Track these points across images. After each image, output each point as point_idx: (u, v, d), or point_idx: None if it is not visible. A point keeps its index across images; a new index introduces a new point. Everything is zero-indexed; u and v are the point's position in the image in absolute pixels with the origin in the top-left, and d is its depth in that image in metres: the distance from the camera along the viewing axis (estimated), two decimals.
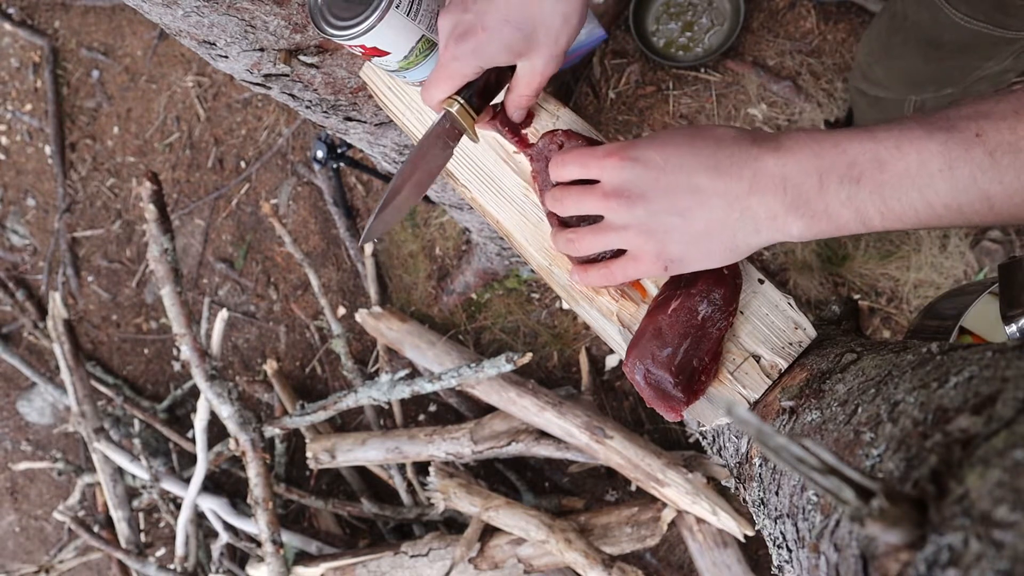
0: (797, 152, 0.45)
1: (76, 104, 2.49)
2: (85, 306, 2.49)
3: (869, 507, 0.26)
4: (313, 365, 2.19)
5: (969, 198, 0.41)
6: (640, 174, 0.49)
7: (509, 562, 1.56)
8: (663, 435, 1.80)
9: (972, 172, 0.40)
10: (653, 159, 0.49)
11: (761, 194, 0.46)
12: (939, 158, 0.41)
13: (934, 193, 0.41)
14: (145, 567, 1.70)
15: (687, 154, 0.48)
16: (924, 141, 0.41)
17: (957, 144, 0.40)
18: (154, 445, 2.20)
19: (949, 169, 0.41)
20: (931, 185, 0.41)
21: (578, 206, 0.53)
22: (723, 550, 1.55)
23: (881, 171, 0.42)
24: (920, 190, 0.42)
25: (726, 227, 0.48)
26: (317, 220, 2.18)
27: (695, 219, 0.48)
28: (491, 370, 1.24)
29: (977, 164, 0.40)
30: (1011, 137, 0.39)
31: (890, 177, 0.42)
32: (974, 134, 0.40)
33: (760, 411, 0.59)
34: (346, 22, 0.53)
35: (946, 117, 0.42)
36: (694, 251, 0.50)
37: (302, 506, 2.08)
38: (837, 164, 0.44)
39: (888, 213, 0.43)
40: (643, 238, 0.51)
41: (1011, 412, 0.27)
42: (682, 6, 1.74)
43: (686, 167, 0.48)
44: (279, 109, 2.23)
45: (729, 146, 0.48)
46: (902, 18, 0.99)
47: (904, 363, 0.43)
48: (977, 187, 0.40)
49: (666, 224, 0.49)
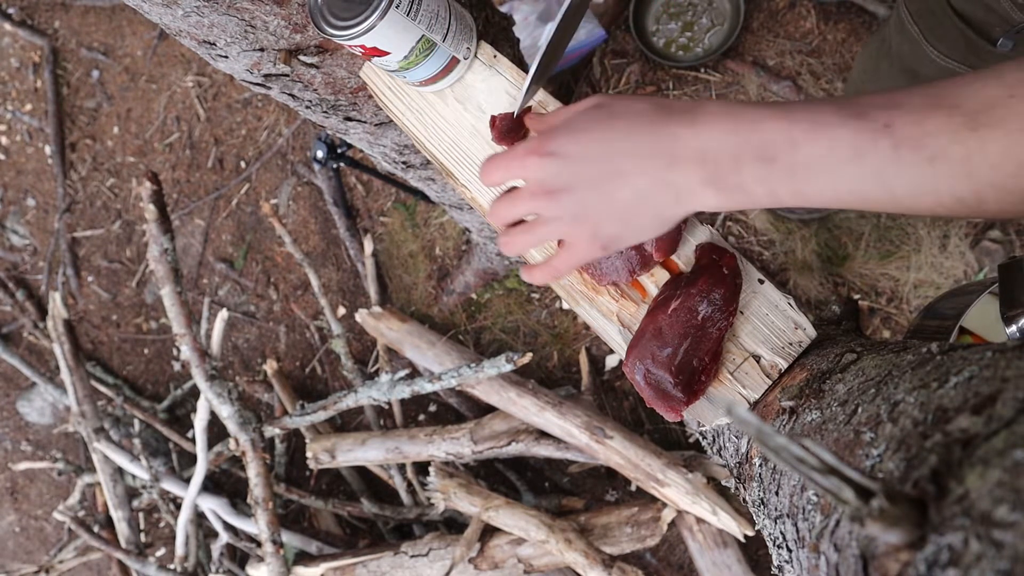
0: (713, 127, 0.46)
1: (76, 104, 2.49)
2: (85, 306, 2.49)
3: (869, 507, 0.26)
4: (313, 365, 2.19)
5: (873, 188, 0.42)
6: (561, 168, 0.50)
7: (509, 562, 1.56)
8: (663, 435, 1.80)
9: (877, 164, 0.41)
10: (571, 152, 0.50)
11: (680, 169, 0.47)
12: (847, 147, 0.41)
13: (840, 179, 0.42)
14: (145, 567, 1.70)
15: (605, 140, 0.49)
16: (835, 128, 0.42)
17: (866, 133, 0.41)
18: (154, 445, 2.20)
19: (856, 158, 0.41)
20: (838, 171, 0.42)
21: (511, 211, 0.54)
22: (723, 550, 1.55)
23: (793, 153, 0.43)
24: (828, 175, 0.42)
25: (652, 202, 0.49)
26: (317, 220, 2.18)
27: (621, 199, 0.50)
28: (491, 370, 1.24)
29: (882, 156, 0.40)
30: (916, 131, 0.39)
31: (802, 160, 0.43)
32: (883, 124, 0.40)
33: (760, 411, 0.59)
34: (346, 22, 0.53)
35: (855, 103, 0.42)
36: (625, 227, 0.51)
37: (302, 506, 2.08)
38: (752, 143, 0.44)
39: (797, 194, 0.44)
40: (574, 226, 0.52)
41: (1011, 412, 0.27)
42: (682, 6, 1.74)
43: (606, 154, 0.49)
44: (279, 109, 2.23)
45: (645, 126, 0.49)
46: (889, 45, 1.02)
47: (904, 363, 0.43)
48: (881, 179, 0.41)
49: (595, 209, 0.51)
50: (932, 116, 0.39)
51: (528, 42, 1.73)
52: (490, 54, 0.66)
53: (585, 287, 0.65)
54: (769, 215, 1.71)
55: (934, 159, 0.39)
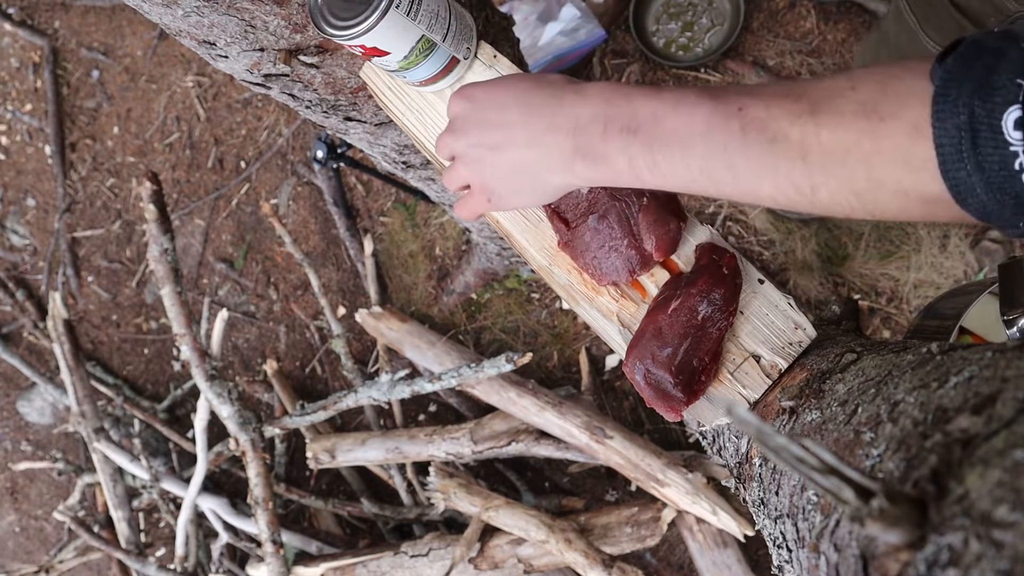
0: (593, 98, 0.48)
1: (76, 104, 2.49)
2: (85, 306, 2.49)
3: (869, 507, 0.26)
4: (313, 365, 2.19)
5: (719, 166, 0.43)
6: (465, 108, 0.54)
7: (509, 562, 1.56)
8: (663, 435, 1.80)
9: (725, 140, 0.42)
10: (478, 96, 0.53)
11: (556, 132, 0.49)
12: (701, 122, 0.43)
13: (692, 154, 0.44)
14: (145, 567, 1.70)
15: (509, 93, 0.52)
16: (695, 106, 0.44)
17: (720, 113, 0.43)
18: (154, 445, 2.19)
19: (708, 133, 0.43)
20: (691, 147, 0.44)
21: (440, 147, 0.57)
22: (723, 550, 1.55)
23: (655, 126, 0.45)
24: (683, 149, 0.44)
25: (529, 163, 0.51)
26: (317, 220, 2.18)
27: (505, 154, 0.52)
28: (491, 370, 1.24)
29: (730, 134, 0.42)
30: (763, 114, 0.41)
31: (660, 133, 0.45)
32: (736, 107, 0.42)
33: (760, 411, 0.59)
34: (346, 22, 0.53)
35: (722, 89, 0.44)
36: (506, 186, 0.54)
37: (302, 506, 2.08)
38: (622, 114, 0.46)
39: (654, 167, 0.46)
40: (468, 169, 0.55)
41: (1011, 412, 0.27)
42: (682, 6, 1.74)
43: (502, 104, 0.52)
44: (279, 109, 2.23)
45: (546, 88, 0.51)
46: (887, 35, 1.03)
47: (904, 363, 0.43)
48: (726, 155, 0.43)
49: (482, 157, 0.53)
50: (780, 102, 0.41)
51: (528, 42, 1.73)
52: (490, 54, 0.66)
53: (585, 287, 0.65)
54: (769, 215, 1.71)
55: (774, 140, 0.41)
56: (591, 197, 0.60)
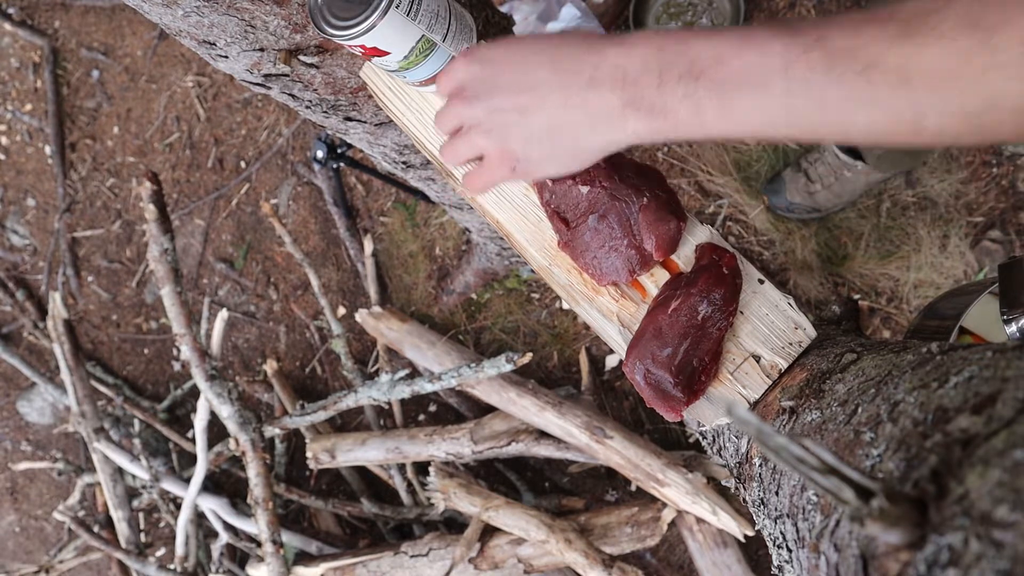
0: (641, 46, 0.44)
1: (76, 104, 2.49)
2: (85, 306, 2.49)
3: (869, 507, 0.26)
4: (313, 365, 2.19)
5: (805, 104, 0.39)
6: (478, 72, 0.49)
7: (509, 562, 1.56)
8: (663, 435, 1.80)
9: (806, 75, 0.39)
10: (493, 57, 0.48)
11: (599, 88, 0.45)
12: (778, 58, 0.39)
13: (770, 95, 0.40)
14: (145, 567, 1.70)
15: (530, 52, 0.47)
16: (766, 42, 0.40)
17: (797, 46, 0.39)
18: (154, 445, 2.19)
19: (787, 69, 0.39)
20: (768, 85, 0.40)
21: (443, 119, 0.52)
22: (723, 550, 1.55)
23: (721, 68, 0.41)
24: (757, 90, 0.40)
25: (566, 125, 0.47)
26: (317, 220, 2.18)
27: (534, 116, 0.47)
28: (491, 370, 1.24)
29: (812, 66, 0.38)
30: (849, 42, 0.38)
31: (729, 74, 0.41)
32: (814, 38, 0.39)
33: (760, 411, 0.59)
34: (346, 22, 0.53)
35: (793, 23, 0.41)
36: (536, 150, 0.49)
37: (302, 506, 2.08)
38: (679, 60, 0.42)
39: (724, 112, 0.42)
40: (485, 138, 0.50)
41: (1011, 412, 0.27)
42: (682, 6, 1.74)
43: (525, 63, 0.47)
44: (279, 109, 2.23)
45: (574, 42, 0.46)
46: None
47: (904, 363, 0.43)
48: (812, 94, 0.39)
49: (505, 121, 0.48)
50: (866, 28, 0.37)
51: None
52: None
53: (585, 287, 0.65)
54: (769, 215, 1.70)
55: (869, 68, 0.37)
56: (591, 197, 0.60)
